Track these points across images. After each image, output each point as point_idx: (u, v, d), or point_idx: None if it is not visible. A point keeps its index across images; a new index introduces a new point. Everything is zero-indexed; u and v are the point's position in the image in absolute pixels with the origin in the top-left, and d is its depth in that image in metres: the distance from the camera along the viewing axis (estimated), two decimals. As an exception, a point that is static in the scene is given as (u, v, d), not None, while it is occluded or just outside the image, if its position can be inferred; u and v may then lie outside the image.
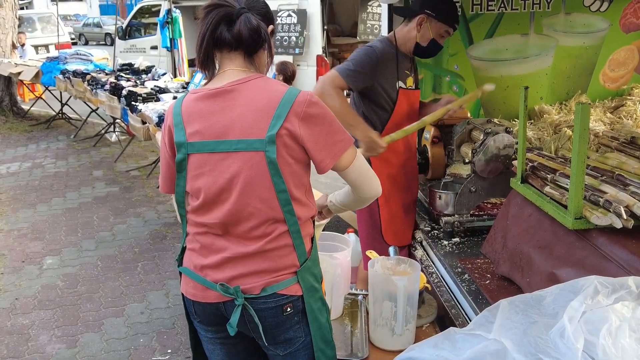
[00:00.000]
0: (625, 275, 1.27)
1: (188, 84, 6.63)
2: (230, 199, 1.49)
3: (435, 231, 2.64)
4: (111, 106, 6.67)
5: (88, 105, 8.22)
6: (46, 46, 13.42)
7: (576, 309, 1.16)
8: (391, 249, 2.10)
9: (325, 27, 8.45)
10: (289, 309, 1.52)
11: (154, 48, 11.09)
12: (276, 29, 1.80)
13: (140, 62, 8.27)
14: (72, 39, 18.85)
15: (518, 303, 1.25)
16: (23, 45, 10.69)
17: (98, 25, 26.01)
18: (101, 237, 4.93)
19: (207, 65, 1.54)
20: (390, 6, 3.11)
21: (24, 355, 3.24)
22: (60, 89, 8.42)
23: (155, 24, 10.92)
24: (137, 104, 5.82)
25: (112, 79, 7.00)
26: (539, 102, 3.72)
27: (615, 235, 1.59)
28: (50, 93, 9.71)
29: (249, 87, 1.50)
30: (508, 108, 3.68)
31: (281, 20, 8.63)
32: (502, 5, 3.51)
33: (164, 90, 6.31)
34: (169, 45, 9.50)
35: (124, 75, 7.45)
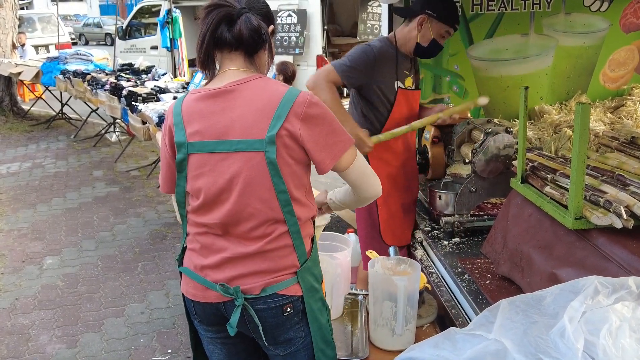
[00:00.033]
0: (625, 276, 1.27)
1: (188, 84, 6.63)
2: (230, 199, 1.49)
3: (436, 231, 2.64)
4: (111, 106, 6.67)
5: (88, 105, 8.22)
6: (46, 46, 13.41)
7: (576, 309, 1.16)
8: (391, 249, 2.10)
9: (325, 27, 8.45)
10: (289, 309, 1.52)
11: (154, 48, 11.09)
12: (276, 29, 1.81)
13: (140, 62, 8.26)
14: (72, 39, 18.85)
15: (518, 303, 1.25)
16: (23, 45, 10.68)
17: (98, 25, 26.01)
18: (101, 237, 4.93)
19: (208, 66, 1.54)
20: (391, 6, 3.11)
21: (24, 355, 3.25)
22: (61, 89, 8.42)
23: (155, 24, 10.92)
24: (137, 104, 5.82)
25: (112, 79, 6.99)
26: (539, 102, 3.72)
27: (616, 236, 1.59)
28: (51, 93, 9.71)
29: (249, 88, 1.50)
30: (508, 108, 3.68)
31: (281, 20, 8.63)
32: (502, 5, 3.51)
33: (164, 91, 6.31)
34: (169, 45, 9.51)
35: (124, 75, 7.45)
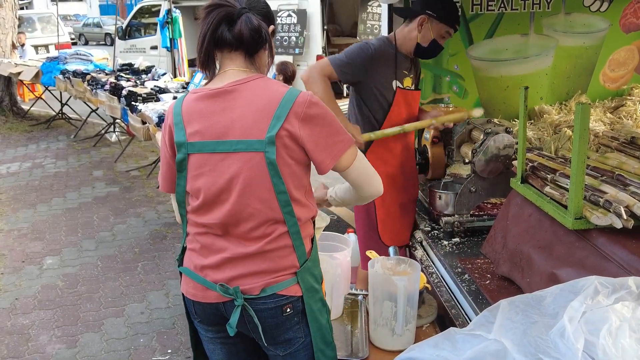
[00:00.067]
0: (625, 276, 1.27)
1: (188, 84, 6.63)
2: (230, 199, 1.49)
3: (435, 231, 2.64)
4: (111, 106, 6.67)
5: (88, 105, 8.22)
6: (46, 46, 13.41)
7: (576, 309, 1.16)
8: (391, 249, 2.11)
9: (325, 27, 8.45)
10: (288, 310, 1.52)
11: (154, 48, 11.09)
12: (276, 29, 1.81)
13: (140, 62, 8.26)
14: (72, 39, 18.86)
15: (518, 303, 1.25)
16: (23, 45, 10.68)
17: (98, 25, 26.00)
18: (101, 237, 4.93)
19: (208, 65, 1.54)
20: (390, 6, 3.11)
21: (24, 355, 3.25)
22: (60, 89, 8.41)
23: (155, 24, 10.92)
24: (137, 104, 5.82)
25: (112, 79, 6.99)
26: (539, 102, 3.72)
27: (616, 236, 1.59)
28: (50, 93, 9.71)
29: (249, 88, 1.50)
30: (508, 108, 3.68)
31: (281, 20, 8.63)
32: (502, 6, 3.51)
33: (164, 90, 6.31)
34: (169, 45, 9.51)
35: (124, 75, 7.45)
